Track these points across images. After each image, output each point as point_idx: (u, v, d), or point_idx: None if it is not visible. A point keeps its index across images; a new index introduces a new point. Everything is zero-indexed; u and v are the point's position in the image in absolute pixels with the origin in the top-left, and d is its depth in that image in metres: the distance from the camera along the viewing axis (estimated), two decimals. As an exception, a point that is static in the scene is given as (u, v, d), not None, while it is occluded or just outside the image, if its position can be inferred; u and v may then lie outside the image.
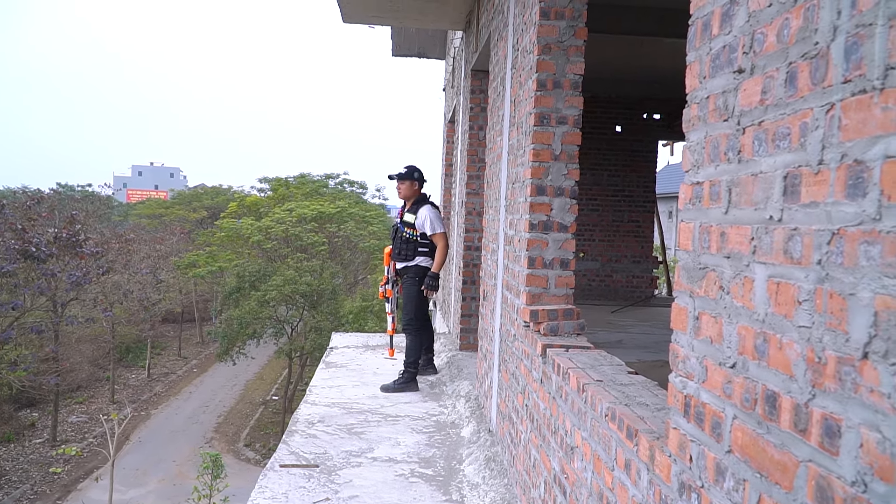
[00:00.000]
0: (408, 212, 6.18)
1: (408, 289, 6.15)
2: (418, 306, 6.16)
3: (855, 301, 1.00)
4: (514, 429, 3.75)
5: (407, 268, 6.15)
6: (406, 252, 6.13)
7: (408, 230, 6.13)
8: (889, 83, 0.95)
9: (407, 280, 6.15)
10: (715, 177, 1.46)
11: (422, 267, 6.12)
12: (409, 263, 6.12)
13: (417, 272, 6.12)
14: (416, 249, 6.12)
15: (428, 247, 6.12)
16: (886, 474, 0.92)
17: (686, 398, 1.55)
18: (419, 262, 6.11)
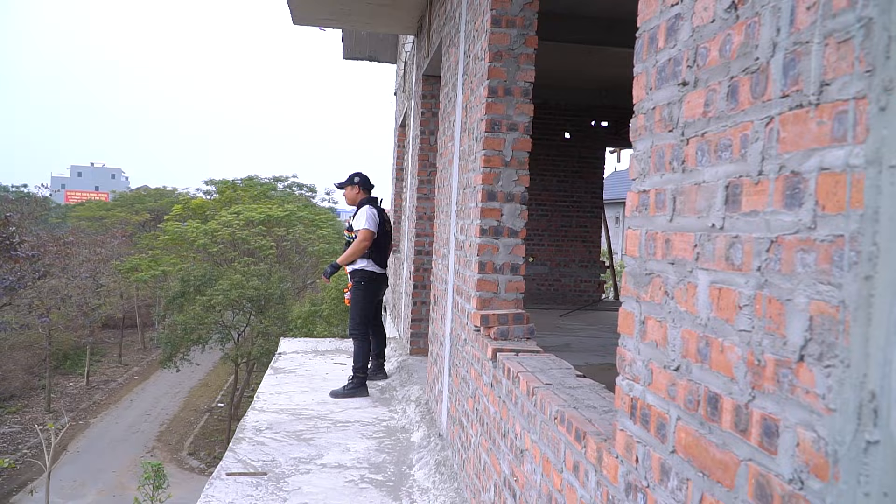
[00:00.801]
0: (354, 216, 6.22)
1: (353, 294, 6.16)
2: (363, 311, 6.14)
3: (792, 306, 1.05)
4: (464, 433, 3.77)
5: (354, 272, 6.14)
6: None
7: (348, 234, 6.20)
8: (824, 99, 1.00)
9: (356, 284, 6.14)
10: (660, 185, 1.51)
11: (367, 271, 6.11)
12: (355, 267, 6.12)
13: (362, 276, 6.11)
14: None
15: (371, 249, 6.11)
16: (821, 472, 0.96)
17: (632, 400, 1.59)
18: (363, 266, 6.10)
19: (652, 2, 1.59)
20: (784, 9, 1.10)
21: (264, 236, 28.33)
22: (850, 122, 0.94)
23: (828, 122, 0.99)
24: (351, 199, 6.29)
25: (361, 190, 6.26)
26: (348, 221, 6.37)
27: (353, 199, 6.27)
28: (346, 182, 6.30)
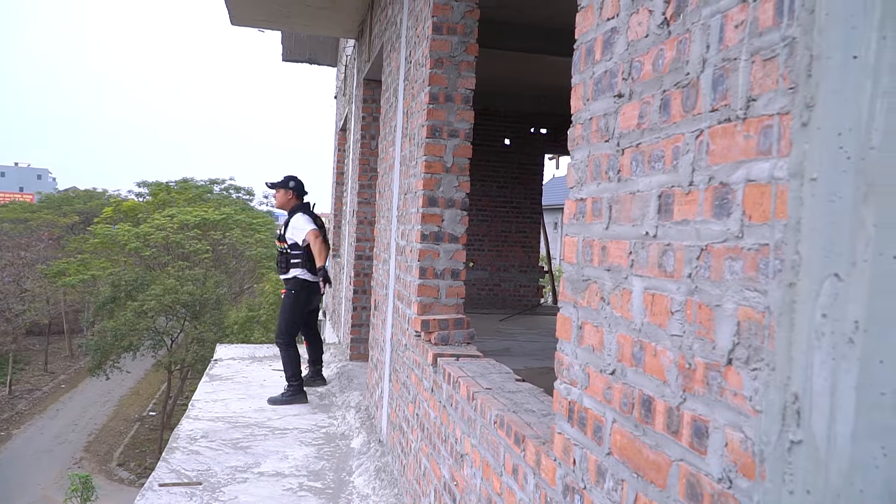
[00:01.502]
0: (286, 223, 6.12)
1: (283, 302, 6.09)
2: (291, 319, 6.06)
3: (721, 312, 1.09)
4: (404, 438, 3.76)
5: (287, 280, 6.06)
6: (283, 265, 6.05)
7: (280, 245, 6.08)
8: (751, 113, 1.05)
9: (287, 292, 6.06)
10: (597, 194, 1.54)
11: (298, 279, 6.03)
12: (287, 276, 6.03)
13: (295, 285, 6.02)
14: (289, 262, 6.02)
15: (300, 258, 6.02)
16: (748, 471, 1.00)
17: (570, 404, 1.63)
18: (296, 275, 6.02)
19: (589, 15, 1.63)
20: (713, 26, 1.15)
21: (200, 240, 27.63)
22: (774, 137, 0.99)
23: (754, 135, 1.03)
24: (281, 203, 6.15)
25: (295, 196, 6.13)
26: (279, 231, 6.21)
27: (284, 203, 6.13)
28: (279, 184, 6.14)
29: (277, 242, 6.19)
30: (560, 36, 6.50)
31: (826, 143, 0.88)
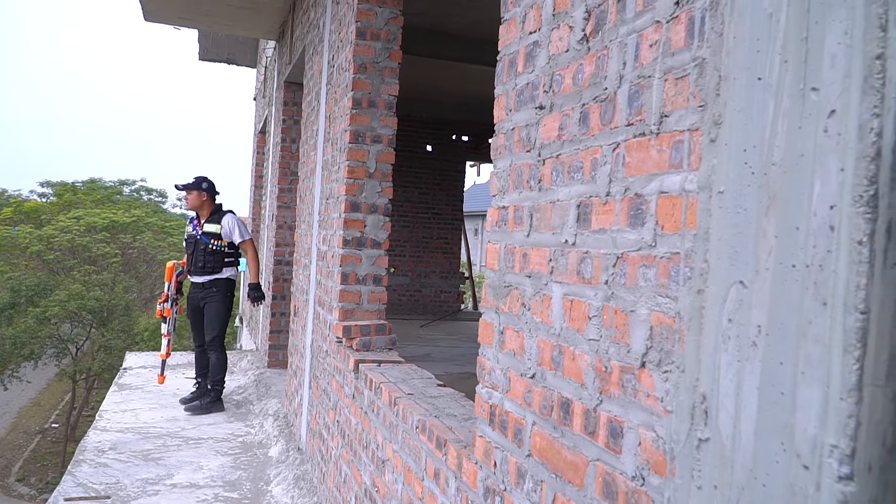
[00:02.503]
0: (207, 222, 5.84)
1: (217, 304, 5.81)
2: (225, 322, 5.89)
3: (635, 317, 1.14)
4: (324, 445, 3.72)
5: (215, 281, 5.83)
6: (213, 265, 5.77)
7: (214, 241, 5.82)
8: (664, 129, 1.10)
9: (215, 294, 5.82)
10: (519, 202, 1.58)
11: (231, 280, 5.87)
12: (218, 276, 5.81)
13: (227, 286, 5.85)
14: (223, 261, 5.82)
15: (233, 257, 5.87)
16: (660, 468, 1.05)
17: (492, 407, 1.66)
18: (228, 275, 5.85)
19: (512, 28, 1.67)
20: (630, 45, 1.20)
21: (108, 243, 26.41)
22: (685, 151, 1.05)
23: (667, 150, 1.09)
24: (195, 205, 5.89)
25: (209, 197, 5.93)
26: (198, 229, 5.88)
27: (197, 205, 5.87)
28: (192, 185, 5.88)
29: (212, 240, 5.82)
30: (481, 45, 6.60)
31: (732, 158, 0.94)
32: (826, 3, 0.82)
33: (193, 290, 5.92)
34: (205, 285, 5.84)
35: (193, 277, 5.89)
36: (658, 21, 1.13)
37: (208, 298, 5.80)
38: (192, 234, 5.90)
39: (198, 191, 5.87)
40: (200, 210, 5.87)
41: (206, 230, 5.82)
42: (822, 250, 0.80)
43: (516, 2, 1.66)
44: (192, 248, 5.88)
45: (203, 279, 5.82)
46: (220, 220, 5.81)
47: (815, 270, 0.80)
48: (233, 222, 5.82)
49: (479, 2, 5.65)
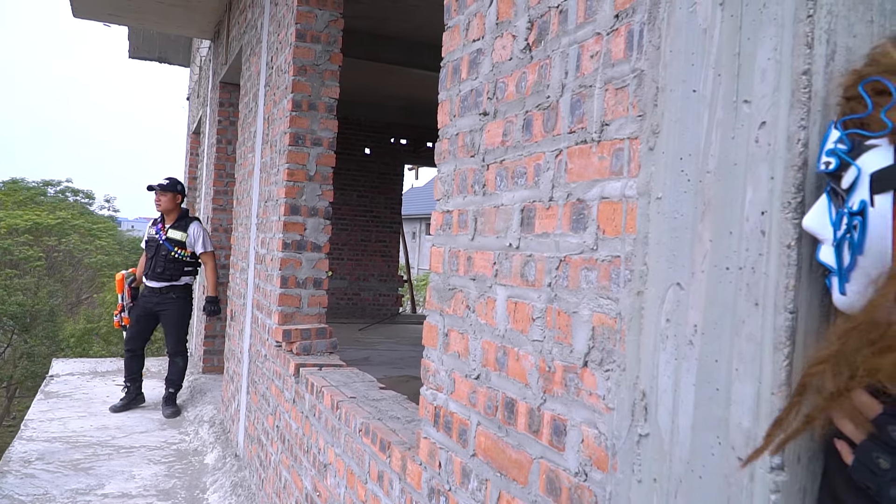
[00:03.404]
0: (172, 228, 5.63)
1: (177, 310, 5.62)
2: (187, 327, 5.80)
3: (577, 318, 1.18)
4: (263, 451, 3.67)
5: (172, 287, 5.62)
6: (172, 272, 5.59)
7: (177, 249, 5.60)
8: (604, 137, 1.14)
9: (174, 301, 5.61)
10: (463, 206, 1.61)
11: (189, 286, 5.74)
12: (176, 283, 5.63)
13: (185, 292, 5.70)
14: (182, 269, 5.64)
15: (192, 266, 5.73)
16: (602, 464, 1.09)
17: (436, 409, 1.67)
18: (187, 282, 5.72)
19: (455, 35, 1.70)
20: (571, 55, 1.24)
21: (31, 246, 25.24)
22: (625, 159, 1.09)
23: (607, 157, 1.13)
24: (167, 207, 5.63)
25: (181, 201, 5.77)
26: (162, 234, 5.65)
27: (169, 207, 5.63)
28: (167, 187, 5.64)
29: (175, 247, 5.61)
30: (422, 49, 6.63)
31: (669, 166, 0.99)
32: (757, 21, 0.87)
33: (148, 294, 5.69)
34: (162, 290, 5.64)
35: (149, 282, 5.67)
36: (599, 33, 1.17)
37: (166, 305, 5.63)
38: (155, 238, 5.68)
39: (173, 193, 5.67)
40: (168, 213, 5.68)
41: (171, 236, 5.62)
42: (754, 254, 0.85)
43: (460, 9, 1.68)
44: (152, 252, 5.67)
45: (160, 285, 5.63)
46: (186, 228, 5.64)
47: (748, 273, 0.85)
48: (198, 231, 5.67)
49: (419, 6, 5.67)
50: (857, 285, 0.68)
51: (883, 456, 0.63)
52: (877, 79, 0.65)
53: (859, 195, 0.66)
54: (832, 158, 0.68)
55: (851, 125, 0.67)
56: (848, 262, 0.67)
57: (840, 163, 0.67)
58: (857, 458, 0.66)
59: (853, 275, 0.68)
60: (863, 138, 0.66)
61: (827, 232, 0.72)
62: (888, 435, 0.64)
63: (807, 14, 0.81)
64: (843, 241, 0.68)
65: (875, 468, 0.64)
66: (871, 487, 0.64)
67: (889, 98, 0.63)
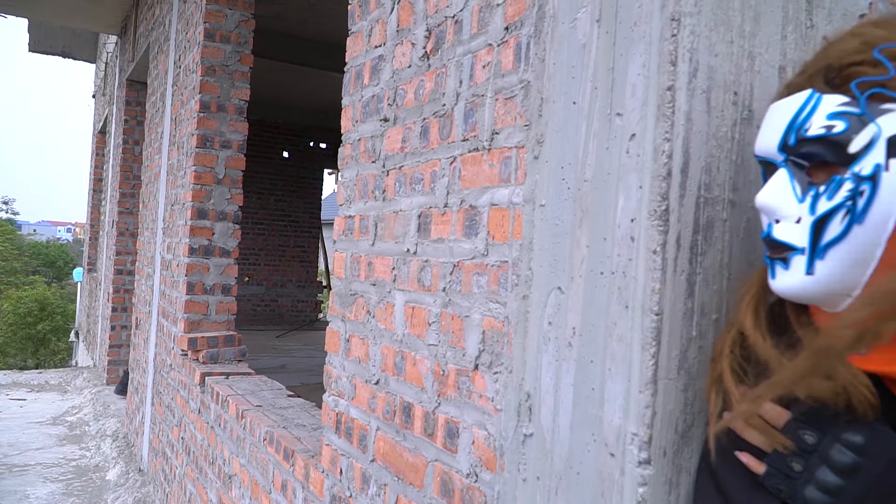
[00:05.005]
0: None
1: None
2: None
3: (469, 322, 1.20)
4: (168, 465, 3.54)
5: None
6: None
7: None
8: (494, 145, 1.17)
9: None
10: (364, 212, 1.61)
11: None
12: None
13: None
14: None
15: None
16: (491, 464, 1.12)
17: (338, 415, 1.67)
18: None
19: (359, 41, 1.70)
20: (465, 64, 1.27)
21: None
22: (513, 167, 1.12)
23: (497, 164, 1.16)
24: None
25: None
26: None
27: None
28: None
29: None
30: (340, 53, 6.57)
31: (552, 174, 1.03)
32: (628, 38, 0.92)
33: None
34: None
35: None
36: (490, 44, 1.20)
37: None
38: None
39: None
40: None
41: None
42: (625, 259, 0.89)
43: (363, 15, 1.69)
44: None
45: None
46: None
47: (619, 277, 0.89)
48: None
49: (336, 9, 5.64)
50: (836, 262, 0.66)
51: (796, 460, 0.65)
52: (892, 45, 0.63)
53: (873, 158, 0.62)
54: (840, 121, 0.65)
55: (867, 87, 0.64)
56: (838, 233, 0.65)
57: (850, 125, 0.64)
58: (770, 464, 0.67)
59: (834, 250, 0.65)
60: (882, 100, 0.63)
61: (791, 209, 0.69)
62: (799, 439, 0.66)
63: (671, 33, 0.86)
64: (837, 212, 0.65)
65: (789, 472, 0.65)
66: (784, 490, 0.66)
67: None
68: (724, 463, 0.74)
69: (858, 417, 0.65)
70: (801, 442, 0.66)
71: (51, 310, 18.06)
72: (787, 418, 0.68)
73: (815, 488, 0.64)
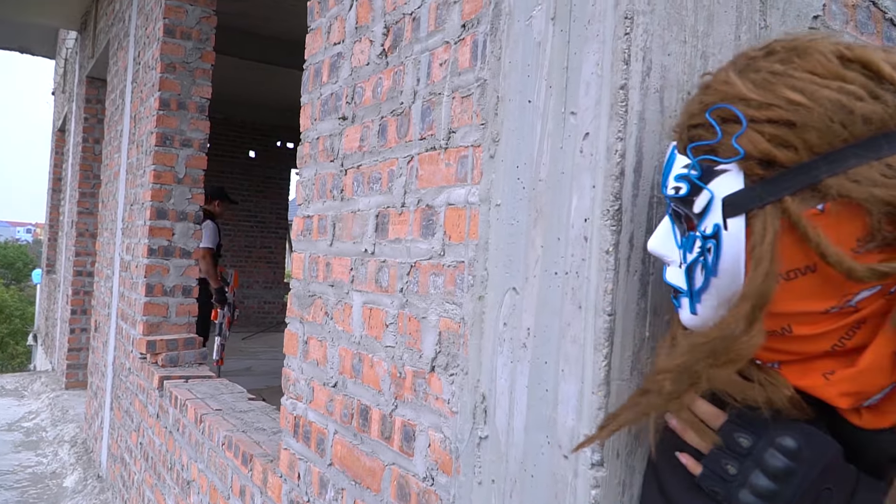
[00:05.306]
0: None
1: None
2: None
3: (426, 323, 1.18)
4: (126, 471, 3.47)
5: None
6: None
7: None
8: (451, 144, 1.16)
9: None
10: (323, 211, 1.59)
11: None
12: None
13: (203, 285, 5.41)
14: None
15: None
16: (447, 467, 1.10)
17: (296, 419, 1.64)
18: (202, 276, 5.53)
19: (317, 38, 1.67)
20: (423, 62, 1.25)
21: None
22: (469, 166, 1.11)
23: (453, 164, 1.15)
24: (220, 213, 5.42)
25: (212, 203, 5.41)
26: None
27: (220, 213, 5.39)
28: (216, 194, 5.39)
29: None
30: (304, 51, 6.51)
31: (507, 174, 1.01)
32: (582, 36, 0.91)
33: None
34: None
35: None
36: (447, 42, 1.19)
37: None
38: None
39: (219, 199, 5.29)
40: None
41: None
42: (578, 259, 0.88)
43: (322, 12, 1.66)
44: None
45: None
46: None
47: (573, 277, 0.89)
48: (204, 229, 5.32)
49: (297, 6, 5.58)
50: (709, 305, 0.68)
51: (731, 462, 0.66)
52: (723, 106, 0.64)
53: (713, 219, 0.65)
54: (682, 183, 0.68)
55: (702, 152, 0.66)
56: (701, 283, 0.67)
57: (691, 187, 0.67)
58: (706, 466, 0.68)
59: (705, 295, 0.68)
60: (713, 164, 0.65)
61: (674, 255, 0.72)
62: (734, 442, 0.66)
63: (624, 32, 0.86)
64: (696, 264, 0.68)
65: (724, 474, 0.66)
66: (720, 492, 0.66)
67: (737, 125, 0.63)
68: (667, 463, 0.74)
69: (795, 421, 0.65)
70: (736, 445, 0.66)
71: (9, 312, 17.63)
72: (723, 420, 0.68)
73: (748, 492, 0.64)
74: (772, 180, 0.62)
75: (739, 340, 0.63)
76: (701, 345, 0.65)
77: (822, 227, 0.60)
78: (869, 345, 0.63)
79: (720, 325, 0.64)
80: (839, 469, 0.63)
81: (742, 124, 0.62)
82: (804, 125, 0.60)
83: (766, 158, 0.62)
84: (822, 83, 0.61)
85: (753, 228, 0.63)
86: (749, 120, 0.62)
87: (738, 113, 0.63)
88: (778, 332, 0.66)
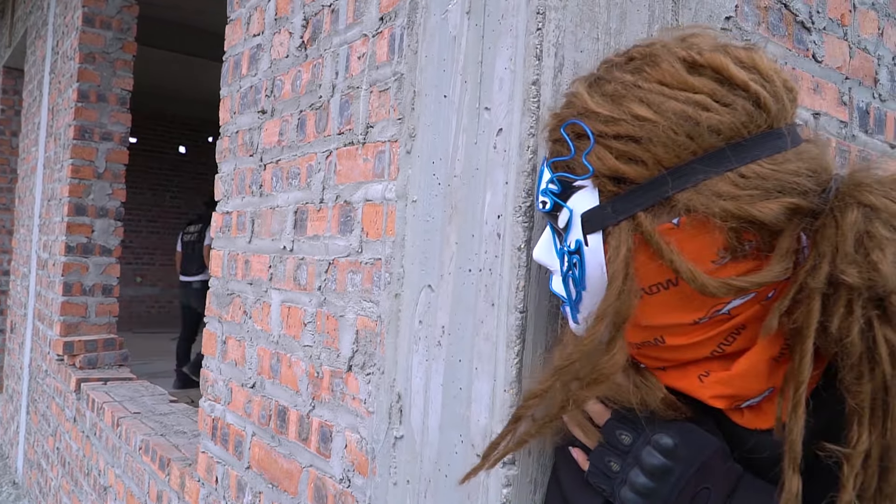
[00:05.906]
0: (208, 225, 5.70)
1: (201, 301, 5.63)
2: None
3: (344, 322, 1.16)
4: (43, 477, 3.31)
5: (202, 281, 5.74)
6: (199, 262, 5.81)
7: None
8: (369, 139, 1.14)
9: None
10: (242, 208, 1.54)
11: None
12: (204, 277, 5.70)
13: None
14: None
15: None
16: (363, 468, 1.08)
17: (214, 421, 1.59)
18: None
19: (237, 29, 1.62)
20: (342, 55, 1.22)
21: None
22: (386, 161, 1.09)
23: (371, 159, 1.12)
24: None
25: None
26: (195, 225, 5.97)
27: None
28: None
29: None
30: (237, 46, 6.36)
31: (424, 169, 1.00)
32: (497, 31, 0.90)
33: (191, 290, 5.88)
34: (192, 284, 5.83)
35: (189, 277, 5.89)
36: (366, 34, 1.17)
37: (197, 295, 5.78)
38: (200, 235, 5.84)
39: None
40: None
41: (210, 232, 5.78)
42: (492, 256, 0.87)
43: (242, 2, 1.62)
44: (191, 249, 5.88)
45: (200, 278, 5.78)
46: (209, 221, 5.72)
47: (486, 274, 0.88)
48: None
49: None
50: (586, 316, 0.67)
51: (614, 459, 0.66)
52: (574, 122, 0.63)
53: (574, 234, 0.64)
54: (547, 198, 0.67)
55: (560, 167, 0.65)
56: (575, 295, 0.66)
57: (554, 203, 0.66)
58: (591, 463, 0.68)
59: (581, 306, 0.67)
60: (570, 180, 0.64)
61: (556, 264, 0.70)
62: (616, 439, 0.66)
63: (536, 27, 0.85)
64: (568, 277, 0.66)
65: (608, 471, 0.66)
66: (606, 489, 0.66)
67: (587, 141, 0.61)
68: (563, 460, 0.74)
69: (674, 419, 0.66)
70: (619, 442, 0.66)
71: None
72: (607, 417, 0.68)
73: (629, 489, 0.63)
74: (624, 196, 0.60)
75: (601, 360, 0.61)
76: (565, 368, 0.63)
77: (678, 242, 0.59)
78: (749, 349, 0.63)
79: (579, 345, 0.63)
80: (718, 468, 0.63)
81: (591, 141, 0.61)
82: (650, 140, 0.58)
83: (616, 175, 0.60)
84: (669, 94, 0.59)
85: (609, 245, 0.61)
86: (597, 135, 0.61)
87: (586, 129, 0.61)
88: (651, 342, 0.65)
